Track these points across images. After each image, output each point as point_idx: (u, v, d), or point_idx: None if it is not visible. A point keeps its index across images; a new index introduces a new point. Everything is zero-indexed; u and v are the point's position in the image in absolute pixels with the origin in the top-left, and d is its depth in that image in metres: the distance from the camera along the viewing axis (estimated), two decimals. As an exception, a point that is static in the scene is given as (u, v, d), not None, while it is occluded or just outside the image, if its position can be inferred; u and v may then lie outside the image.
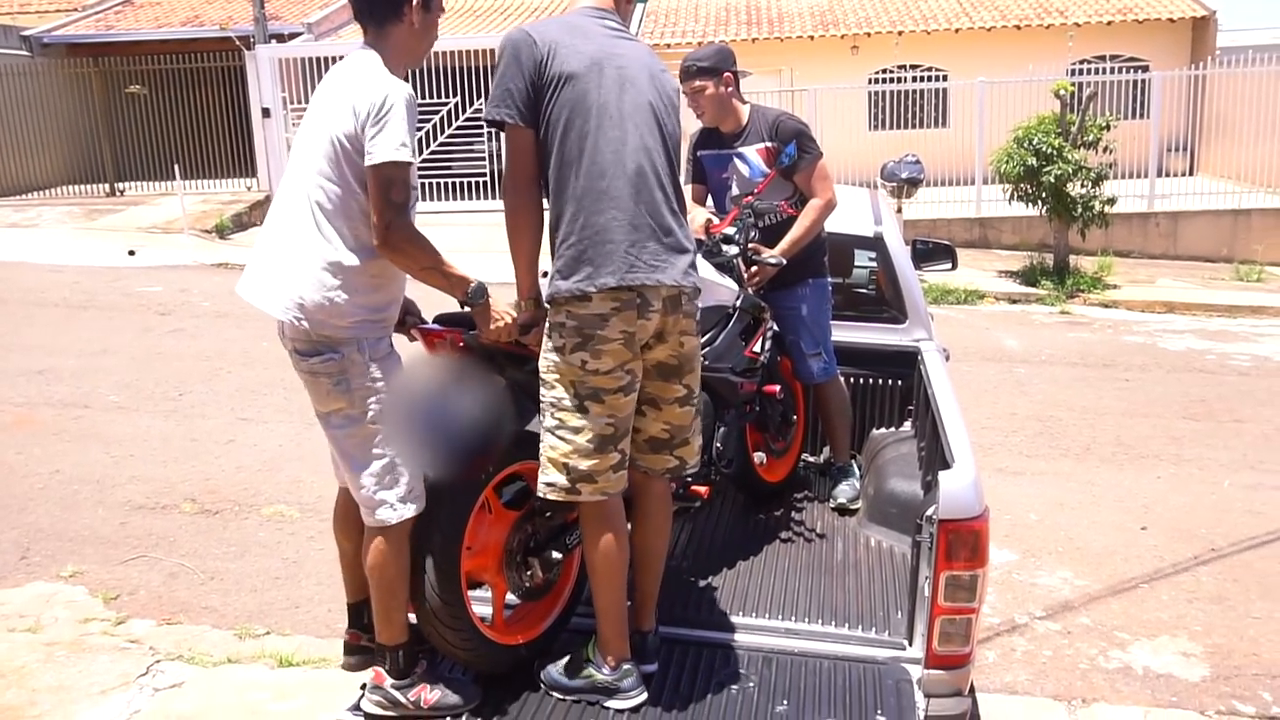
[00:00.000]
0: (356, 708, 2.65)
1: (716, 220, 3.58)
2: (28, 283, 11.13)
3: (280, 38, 16.58)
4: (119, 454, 6.24)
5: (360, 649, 2.75)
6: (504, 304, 2.58)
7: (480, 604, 2.81)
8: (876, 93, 17.02)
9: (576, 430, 2.52)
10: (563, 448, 2.54)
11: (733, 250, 3.52)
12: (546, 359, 2.55)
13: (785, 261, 3.63)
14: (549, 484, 2.57)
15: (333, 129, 2.39)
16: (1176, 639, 4.45)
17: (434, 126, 15.74)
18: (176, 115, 16.87)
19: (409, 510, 2.50)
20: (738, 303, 3.43)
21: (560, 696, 2.67)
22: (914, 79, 17.02)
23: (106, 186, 17.15)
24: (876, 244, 4.25)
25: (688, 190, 3.98)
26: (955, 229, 14.31)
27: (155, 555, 5.00)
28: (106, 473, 5.96)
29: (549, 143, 2.51)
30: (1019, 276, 12.29)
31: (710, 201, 4.01)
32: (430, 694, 2.56)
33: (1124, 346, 9.61)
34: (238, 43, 15.22)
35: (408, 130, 2.38)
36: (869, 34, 17.72)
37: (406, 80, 2.51)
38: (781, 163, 3.67)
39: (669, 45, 17.92)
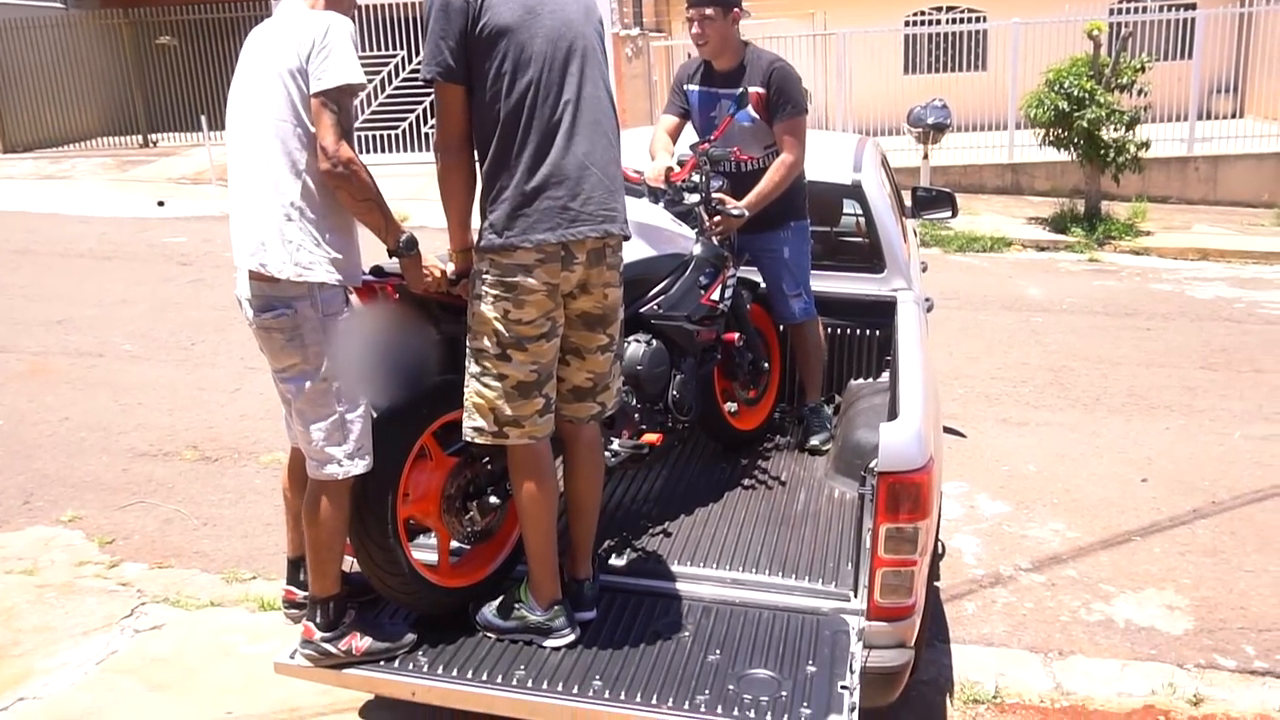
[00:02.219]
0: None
1: (676, 168, 3.53)
2: (57, 234, 11.32)
3: (307, -14, 16.52)
4: (127, 402, 6.36)
5: (297, 605, 2.79)
6: (433, 256, 2.60)
7: (427, 549, 2.86)
8: (912, 35, 16.59)
9: (501, 377, 2.54)
10: (488, 394, 2.56)
11: (694, 199, 3.48)
12: (472, 306, 2.56)
13: (748, 214, 3.60)
14: (475, 428, 2.60)
15: (278, 68, 2.40)
16: (1163, 592, 4.38)
17: (381, 80, 15.46)
18: (206, 66, 16.92)
19: (356, 467, 2.54)
20: (696, 250, 3.40)
21: (494, 637, 2.70)
22: (951, 21, 16.56)
23: (140, 138, 17.33)
24: (854, 192, 4.17)
25: (663, 121, 3.94)
26: (987, 175, 14.02)
27: (153, 501, 5.11)
28: (114, 420, 6.08)
29: (487, 97, 2.48)
30: (1049, 223, 12.01)
31: (693, 135, 3.96)
32: (360, 641, 2.61)
33: (1150, 295, 9.39)
34: (264, -8, 15.20)
35: (354, 56, 2.40)
36: (905, -26, 17.25)
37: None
38: (738, 104, 3.62)
39: (699, -11, 17.61)
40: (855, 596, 2.87)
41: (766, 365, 3.97)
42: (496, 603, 2.75)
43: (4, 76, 16.62)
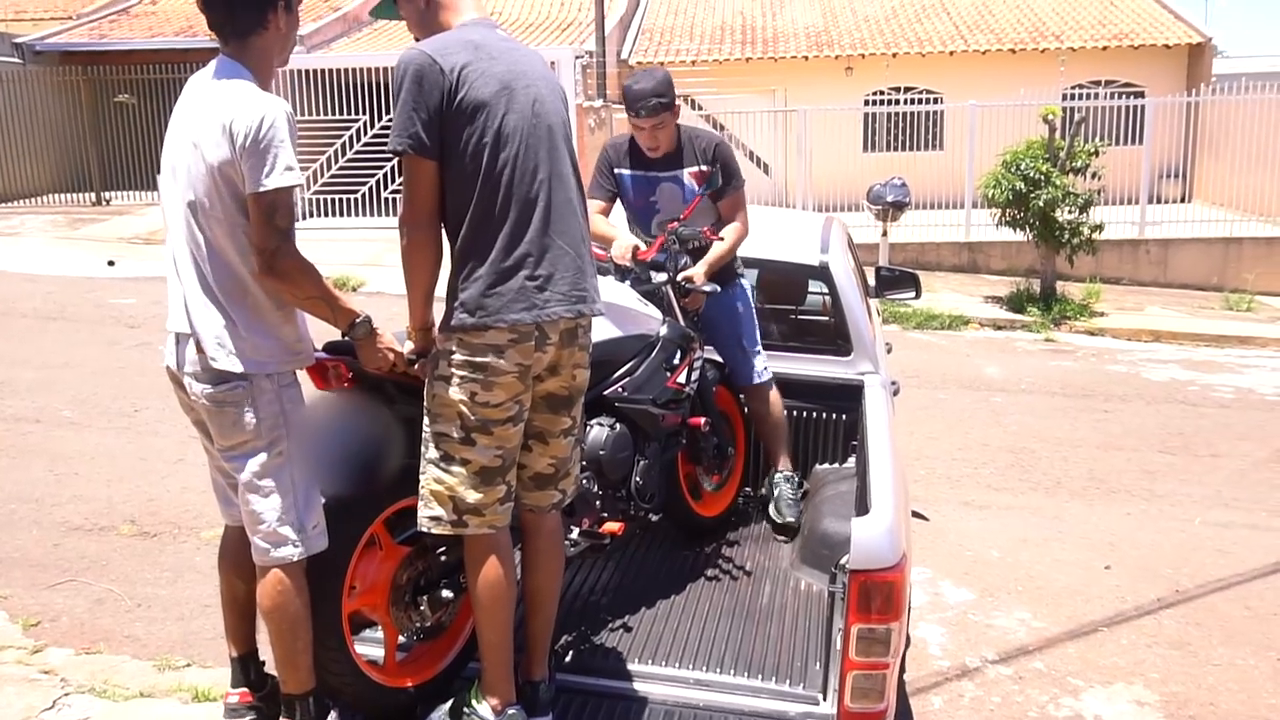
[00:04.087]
0: None
1: (644, 247, 3.45)
2: (0, 292, 11.01)
3: (271, 50, 16.49)
4: (63, 471, 6.10)
5: (251, 708, 2.57)
6: (390, 335, 2.47)
7: (372, 644, 2.69)
8: (871, 114, 16.93)
9: (464, 462, 2.42)
10: (449, 480, 2.42)
11: (661, 278, 3.40)
12: (434, 388, 2.43)
13: (719, 289, 3.54)
14: (433, 518, 2.45)
15: (207, 155, 2.25)
16: (1132, 686, 4.29)
17: (343, 144, 15.42)
18: (164, 125, 16.69)
19: (315, 545, 2.38)
20: (662, 331, 3.30)
21: (442, 746, 2.53)
22: (909, 101, 16.93)
23: (93, 196, 17.06)
24: (822, 273, 4.11)
25: (591, 206, 3.85)
26: (944, 253, 14.21)
27: (85, 580, 4.85)
28: (48, 491, 5.82)
29: (462, 173, 2.38)
30: (1005, 303, 12.14)
31: (625, 221, 3.87)
32: None
33: (1106, 376, 9.46)
34: (227, 54, 15.12)
35: (291, 151, 2.26)
36: (863, 55, 17.65)
37: (279, 92, 2.40)
38: (710, 185, 3.56)
39: (661, 64, 17.86)
40: (824, 699, 2.73)
41: (732, 450, 3.87)
42: (446, 706, 2.57)
43: (-45, 131, 16.36)
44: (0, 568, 4.93)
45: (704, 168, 3.64)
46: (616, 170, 3.75)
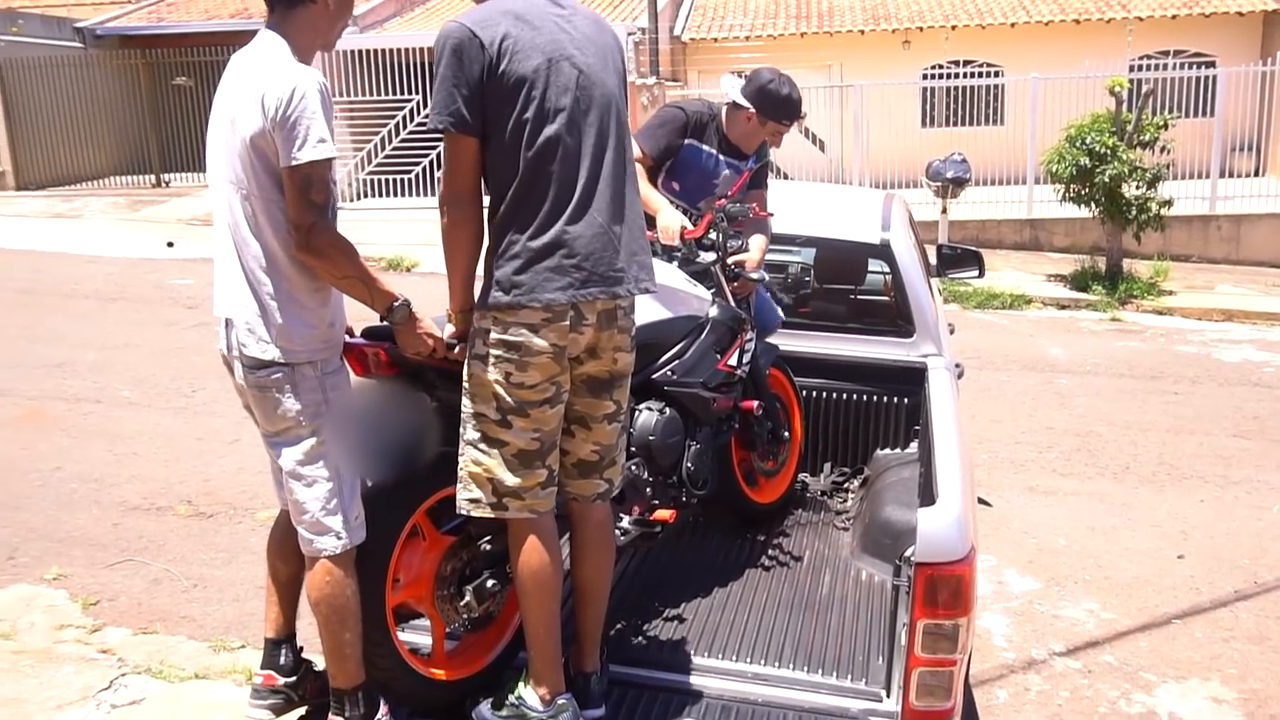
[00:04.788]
0: None
1: (691, 226, 3.33)
2: (63, 274, 11.20)
3: (326, 31, 16.54)
4: (122, 451, 6.16)
5: (275, 693, 2.54)
6: (429, 319, 2.40)
7: (420, 634, 2.64)
8: (929, 89, 16.55)
9: (500, 444, 2.35)
10: (487, 462, 2.36)
11: (709, 257, 3.28)
12: (471, 368, 2.36)
13: (767, 277, 3.46)
14: (471, 500, 2.39)
15: (241, 129, 2.20)
16: (1208, 682, 4.11)
17: (396, 124, 15.39)
18: (221, 108, 16.91)
19: (357, 536, 2.34)
20: (712, 312, 3.19)
21: (493, 738, 2.46)
22: (968, 75, 16.51)
23: (153, 178, 17.30)
24: (883, 252, 3.96)
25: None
26: (1005, 230, 13.87)
27: (142, 560, 4.88)
28: (107, 471, 5.88)
29: (503, 148, 2.30)
30: (1069, 281, 11.81)
31: (674, 189, 3.74)
32: None
33: (1176, 357, 9.16)
34: (282, 36, 15.20)
35: (325, 123, 2.19)
36: (921, 28, 17.24)
37: (331, 72, 2.32)
38: (760, 158, 3.58)
39: (715, 40, 17.64)
40: (888, 696, 2.63)
41: (787, 434, 3.75)
42: (495, 697, 2.51)
43: (19, 114, 16.66)
44: (61, 546, 4.98)
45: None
46: (689, 140, 3.61)
